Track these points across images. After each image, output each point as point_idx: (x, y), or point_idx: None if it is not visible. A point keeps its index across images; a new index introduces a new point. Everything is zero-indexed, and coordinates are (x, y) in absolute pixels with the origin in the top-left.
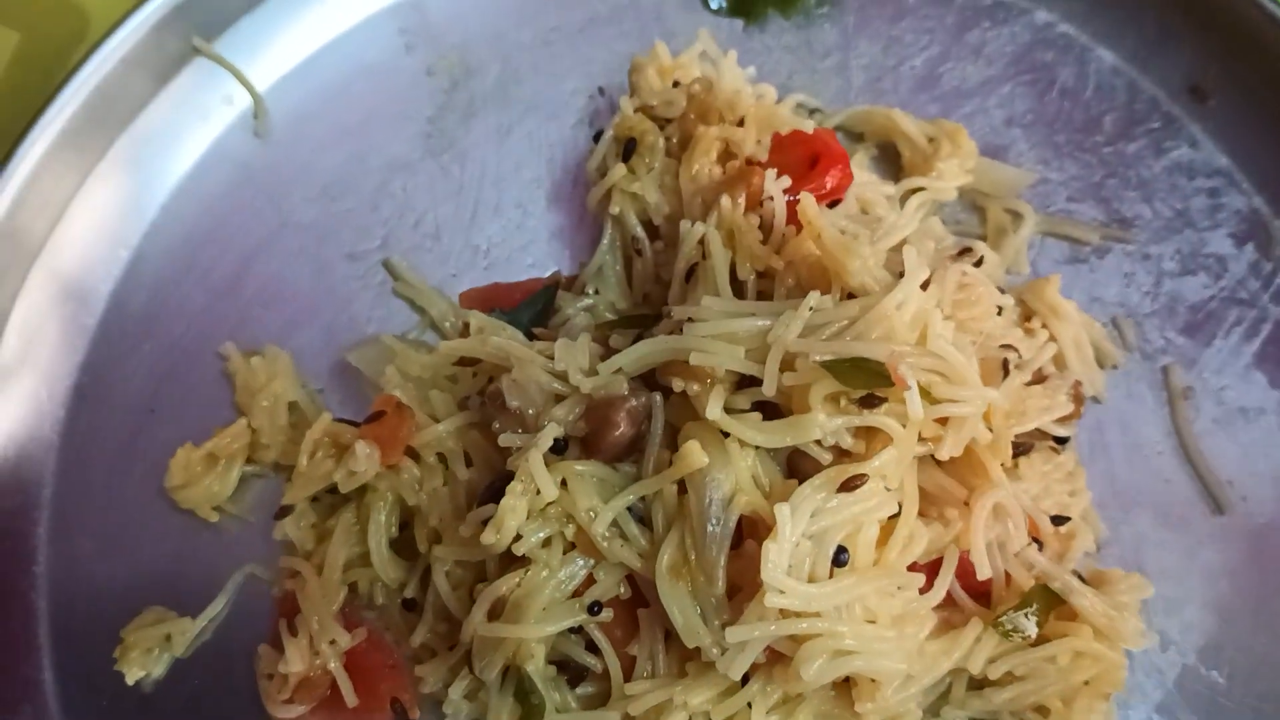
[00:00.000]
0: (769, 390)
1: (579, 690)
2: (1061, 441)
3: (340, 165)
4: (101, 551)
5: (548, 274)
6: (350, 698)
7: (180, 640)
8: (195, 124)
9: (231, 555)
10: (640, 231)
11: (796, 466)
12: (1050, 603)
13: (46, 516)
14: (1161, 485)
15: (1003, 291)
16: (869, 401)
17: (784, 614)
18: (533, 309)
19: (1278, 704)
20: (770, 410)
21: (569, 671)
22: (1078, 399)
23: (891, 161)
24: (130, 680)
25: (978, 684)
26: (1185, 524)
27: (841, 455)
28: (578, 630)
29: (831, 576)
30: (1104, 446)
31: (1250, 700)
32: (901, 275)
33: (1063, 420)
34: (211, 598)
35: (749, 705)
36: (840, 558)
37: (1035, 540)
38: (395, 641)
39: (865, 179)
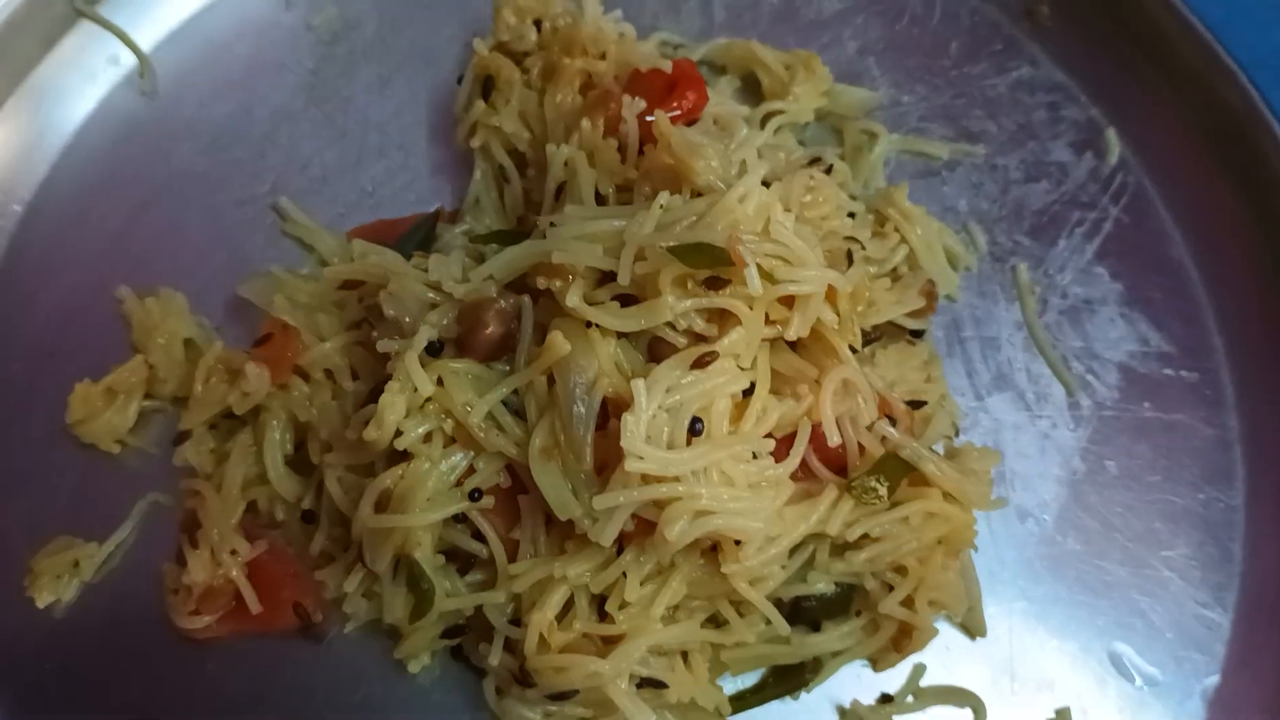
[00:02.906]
0: (624, 279)
1: (468, 578)
2: (917, 335)
3: (226, 118)
4: (6, 488)
5: (432, 210)
6: (254, 604)
7: (88, 565)
8: (83, 84)
9: (135, 487)
10: (506, 160)
11: (656, 353)
12: (901, 469)
13: None
14: (1015, 374)
15: (854, 199)
16: (714, 283)
17: (646, 480)
18: (414, 239)
19: (1132, 566)
20: (630, 305)
21: (458, 561)
22: (930, 295)
23: (754, 94)
24: (40, 604)
25: (839, 550)
26: (1039, 408)
27: (697, 340)
28: (463, 520)
29: (689, 445)
30: (960, 341)
31: (1103, 564)
32: None
33: (916, 315)
34: (117, 527)
35: (624, 575)
36: (696, 427)
37: (889, 419)
38: (297, 555)
39: (722, 100)
